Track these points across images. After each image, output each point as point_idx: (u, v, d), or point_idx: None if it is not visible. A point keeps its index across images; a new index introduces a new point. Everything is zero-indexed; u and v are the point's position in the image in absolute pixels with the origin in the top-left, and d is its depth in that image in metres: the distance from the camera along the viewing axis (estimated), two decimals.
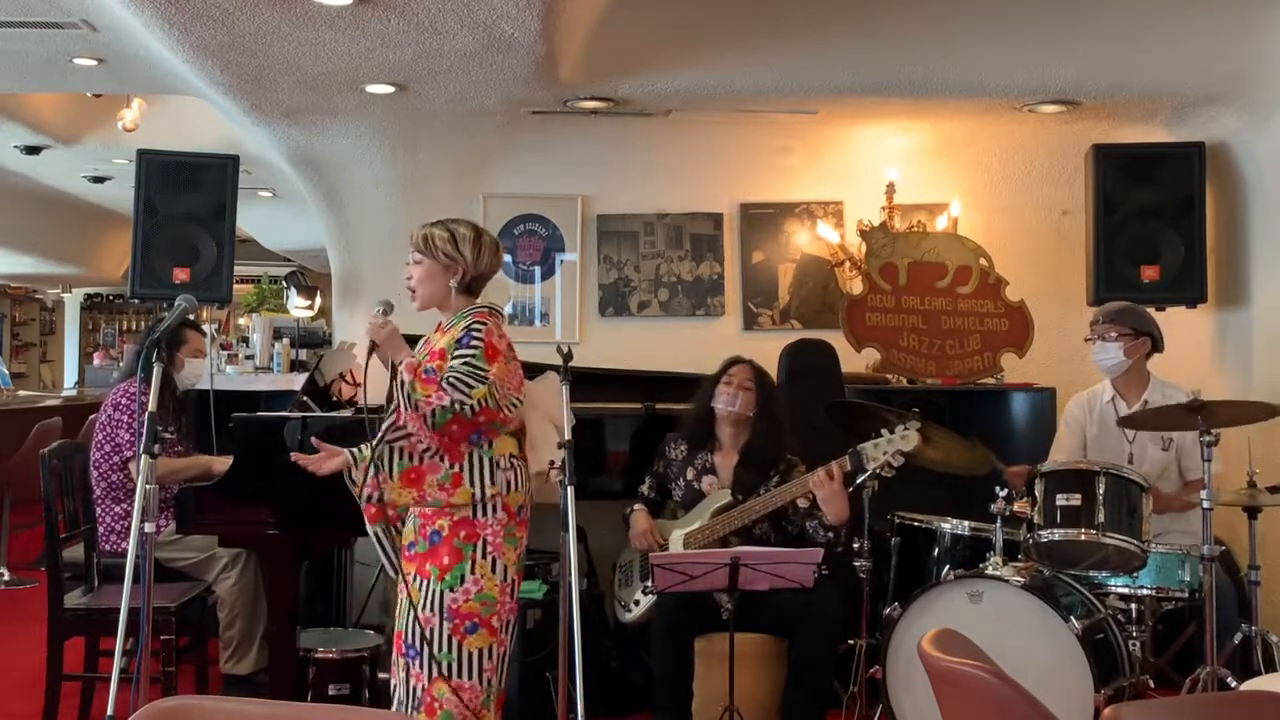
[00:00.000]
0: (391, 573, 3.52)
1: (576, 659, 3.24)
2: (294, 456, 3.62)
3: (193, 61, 4.37)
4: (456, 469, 3.33)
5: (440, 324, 3.53)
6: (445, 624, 3.32)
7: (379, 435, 3.37)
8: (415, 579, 3.36)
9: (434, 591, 3.33)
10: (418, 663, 3.34)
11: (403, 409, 3.28)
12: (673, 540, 4.25)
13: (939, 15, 4.80)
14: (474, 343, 3.31)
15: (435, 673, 3.31)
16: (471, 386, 3.25)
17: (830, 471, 4.04)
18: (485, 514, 3.35)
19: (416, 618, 3.33)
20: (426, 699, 3.32)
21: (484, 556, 3.34)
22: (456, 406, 3.23)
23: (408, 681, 3.37)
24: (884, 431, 4.06)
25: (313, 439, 3.64)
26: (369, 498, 3.40)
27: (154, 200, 5.39)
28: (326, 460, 3.51)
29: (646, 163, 5.89)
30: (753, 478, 4.27)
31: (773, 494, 4.14)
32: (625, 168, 5.91)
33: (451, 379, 3.25)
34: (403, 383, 3.26)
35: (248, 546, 4.46)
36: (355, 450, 3.48)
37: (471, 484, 3.33)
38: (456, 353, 3.32)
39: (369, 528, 3.45)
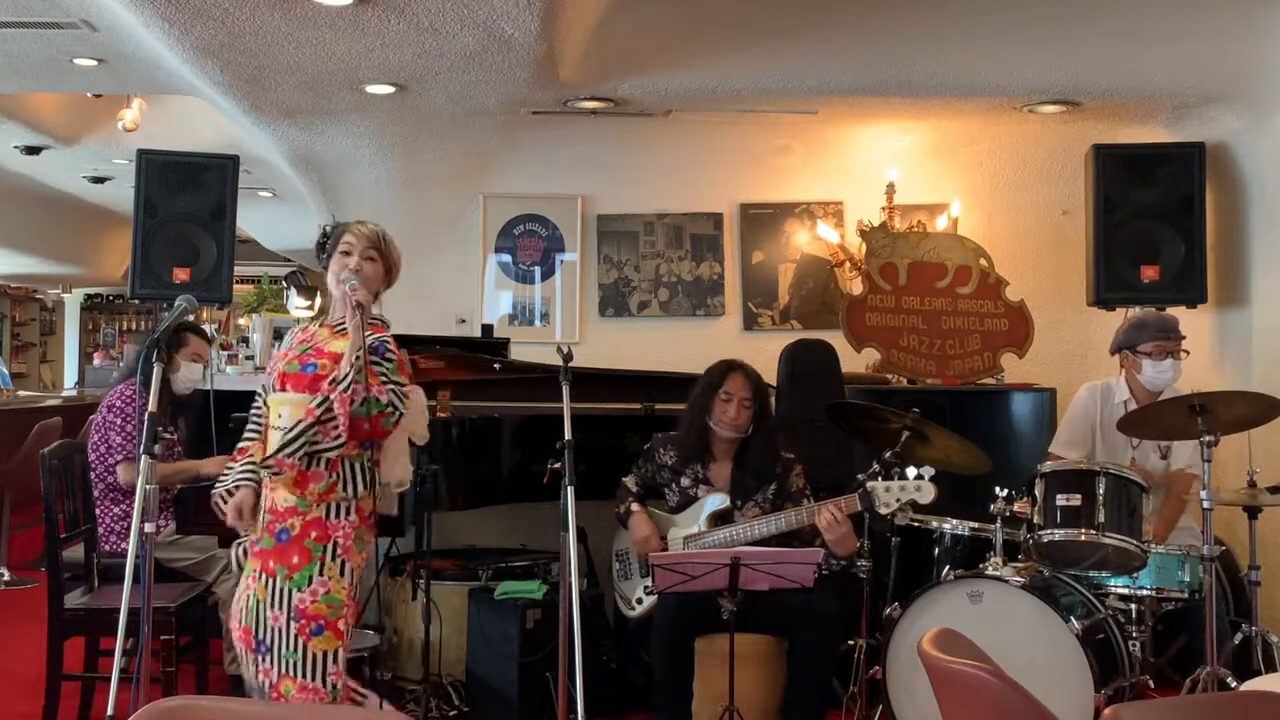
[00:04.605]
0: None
1: (576, 659, 3.24)
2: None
3: (193, 61, 4.38)
4: (334, 478, 3.31)
5: (325, 321, 3.48)
6: (292, 624, 3.29)
7: (319, 404, 3.24)
8: (261, 576, 3.33)
9: (280, 590, 3.30)
10: (268, 659, 3.31)
11: (337, 388, 3.22)
12: (671, 540, 4.24)
13: (939, 15, 4.80)
14: (387, 364, 3.33)
15: (282, 670, 3.29)
16: (402, 401, 3.31)
17: (838, 516, 3.96)
18: (338, 516, 3.33)
19: (264, 615, 3.31)
20: (273, 695, 3.31)
21: (333, 559, 3.31)
22: (389, 410, 3.27)
23: (257, 675, 3.35)
24: (895, 473, 3.98)
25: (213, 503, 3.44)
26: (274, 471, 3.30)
27: (154, 200, 5.38)
28: (232, 514, 3.37)
29: (646, 163, 5.89)
30: (750, 482, 4.26)
31: (779, 517, 4.09)
32: (625, 168, 5.91)
33: (392, 386, 3.30)
34: (359, 363, 3.22)
35: None
36: (247, 471, 3.36)
37: (345, 490, 3.32)
38: (374, 366, 3.30)
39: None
